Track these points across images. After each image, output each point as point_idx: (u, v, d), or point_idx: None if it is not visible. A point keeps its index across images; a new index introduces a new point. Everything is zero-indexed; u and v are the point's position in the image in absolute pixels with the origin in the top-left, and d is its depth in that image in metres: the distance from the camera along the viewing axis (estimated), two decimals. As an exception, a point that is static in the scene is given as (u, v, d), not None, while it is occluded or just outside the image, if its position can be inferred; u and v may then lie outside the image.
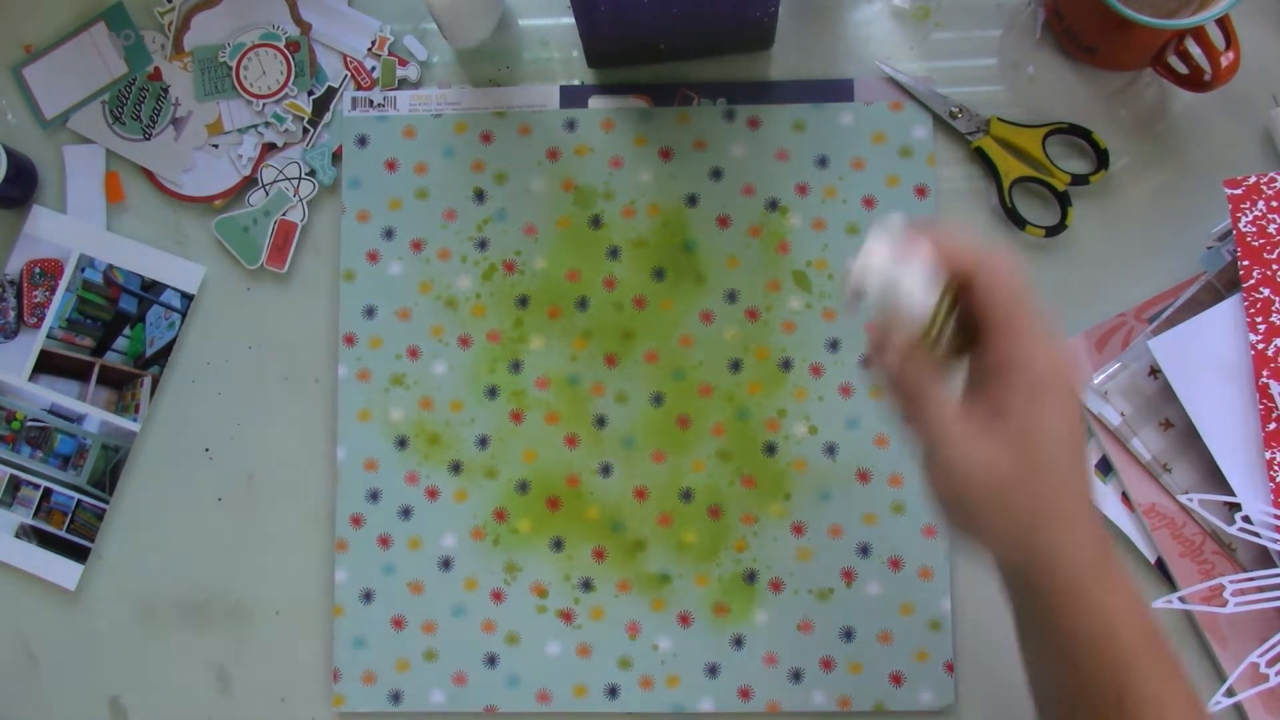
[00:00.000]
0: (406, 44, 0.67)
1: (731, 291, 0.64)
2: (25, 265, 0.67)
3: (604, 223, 0.65)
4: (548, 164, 0.66)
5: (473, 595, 0.63)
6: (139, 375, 0.66)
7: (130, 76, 0.68)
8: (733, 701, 0.61)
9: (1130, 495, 0.60)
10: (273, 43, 0.67)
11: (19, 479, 0.65)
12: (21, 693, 0.65)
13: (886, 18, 0.66)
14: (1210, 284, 0.60)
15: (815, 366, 0.63)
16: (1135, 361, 0.60)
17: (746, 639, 0.62)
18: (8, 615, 0.65)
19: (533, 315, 0.65)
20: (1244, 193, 0.59)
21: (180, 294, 0.66)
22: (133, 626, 0.65)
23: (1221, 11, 0.56)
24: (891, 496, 0.62)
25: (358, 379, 0.64)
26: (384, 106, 0.67)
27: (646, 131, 0.66)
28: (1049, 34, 0.65)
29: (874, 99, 0.65)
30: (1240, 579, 0.57)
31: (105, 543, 0.65)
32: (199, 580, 0.65)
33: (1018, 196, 0.64)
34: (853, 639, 0.61)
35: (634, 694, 0.62)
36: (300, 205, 0.66)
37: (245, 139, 0.67)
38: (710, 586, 0.62)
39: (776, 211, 0.64)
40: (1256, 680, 0.56)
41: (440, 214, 0.65)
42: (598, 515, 0.63)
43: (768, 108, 0.65)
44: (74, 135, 0.68)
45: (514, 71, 0.67)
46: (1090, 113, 0.64)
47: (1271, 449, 0.56)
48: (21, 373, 0.66)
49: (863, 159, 0.64)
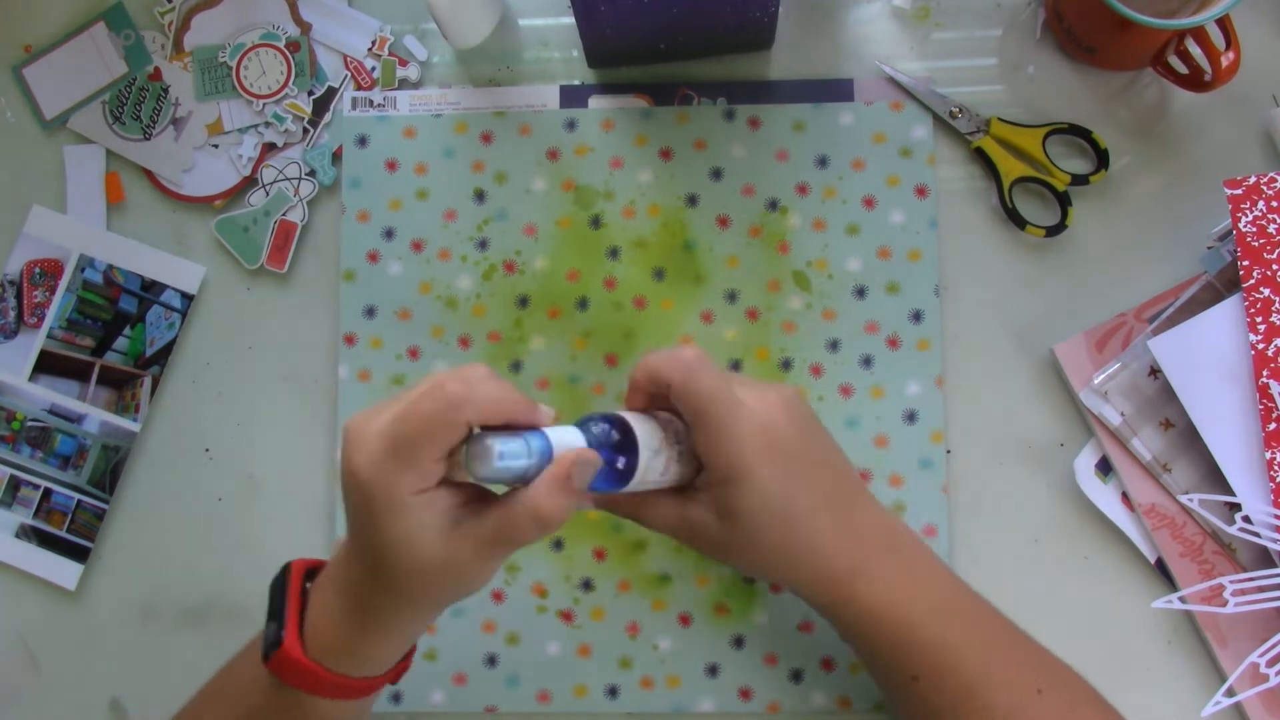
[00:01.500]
0: (406, 44, 0.67)
1: (731, 291, 0.64)
2: (25, 265, 0.67)
3: (604, 223, 0.65)
4: (548, 164, 0.66)
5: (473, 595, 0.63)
6: (139, 375, 0.66)
7: (130, 76, 0.68)
8: (733, 702, 0.61)
9: (1130, 495, 0.60)
10: (273, 43, 0.67)
11: (19, 479, 0.65)
12: (21, 693, 0.65)
13: (886, 18, 0.66)
14: (1210, 284, 0.60)
15: (815, 366, 0.63)
16: (1135, 361, 0.60)
17: (747, 639, 0.62)
18: (8, 615, 0.65)
19: (533, 315, 0.65)
20: (1244, 193, 0.59)
21: (180, 294, 0.66)
22: (133, 626, 0.65)
23: (1221, 11, 0.56)
24: (892, 496, 0.62)
25: (358, 379, 0.64)
26: (384, 107, 0.67)
27: (646, 131, 0.66)
28: (1049, 34, 0.65)
29: (874, 99, 0.65)
30: (1240, 579, 0.57)
31: (105, 543, 0.65)
32: (199, 580, 0.65)
33: (1018, 196, 0.64)
34: (853, 639, 0.61)
35: (634, 694, 0.62)
36: (300, 205, 0.66)
37: (245, 139, 0.67)
38: (710, 586, 0.62)
39: (776, 211, 0.64)
40: (1256, 680, 0.56)
41: (440, 214, 0.65)
42: (598, 515, 0.63)
43: (768, 107, 0.65)
44: (74, 135, 0.68)
45: (514, 71, 0.67)
46: (1090, 113, 0.64)
47: (1271, 449, 0.56)
48: (21, 373, 0.66)
49: (863, 159, 0.64)
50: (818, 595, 0.51)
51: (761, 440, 0.48)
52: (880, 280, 0.63)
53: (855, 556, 0.50)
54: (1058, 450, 0.62)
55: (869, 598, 0.50)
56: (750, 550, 0.49)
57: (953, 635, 0.49)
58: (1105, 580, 0.60)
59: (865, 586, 0.50)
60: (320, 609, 0.47)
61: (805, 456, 0.49)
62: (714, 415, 0.47)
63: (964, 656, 0.49)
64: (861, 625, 0.50)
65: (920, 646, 0.49)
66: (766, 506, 0.48)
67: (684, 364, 0.48)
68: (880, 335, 0.63)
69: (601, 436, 0.47)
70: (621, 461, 0.47)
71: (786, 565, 0.50)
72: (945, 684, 0.49)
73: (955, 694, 0.49)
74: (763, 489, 0.48)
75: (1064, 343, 0.61)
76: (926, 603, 0.50)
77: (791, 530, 0.49)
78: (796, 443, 0.49)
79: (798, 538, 0.49)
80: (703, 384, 0.47)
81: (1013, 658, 0.50)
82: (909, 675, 0.50)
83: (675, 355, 0.48)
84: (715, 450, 0.48)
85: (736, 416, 0.47)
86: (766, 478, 0.48)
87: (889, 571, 0.50)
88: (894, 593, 0.50)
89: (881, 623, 0.50)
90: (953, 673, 0.49)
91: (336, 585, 0.47)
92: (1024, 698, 0.49)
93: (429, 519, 0.43)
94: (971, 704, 0.48)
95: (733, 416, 0.47)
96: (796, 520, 0.49)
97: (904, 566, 0.51)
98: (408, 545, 0.43)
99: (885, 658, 0.50)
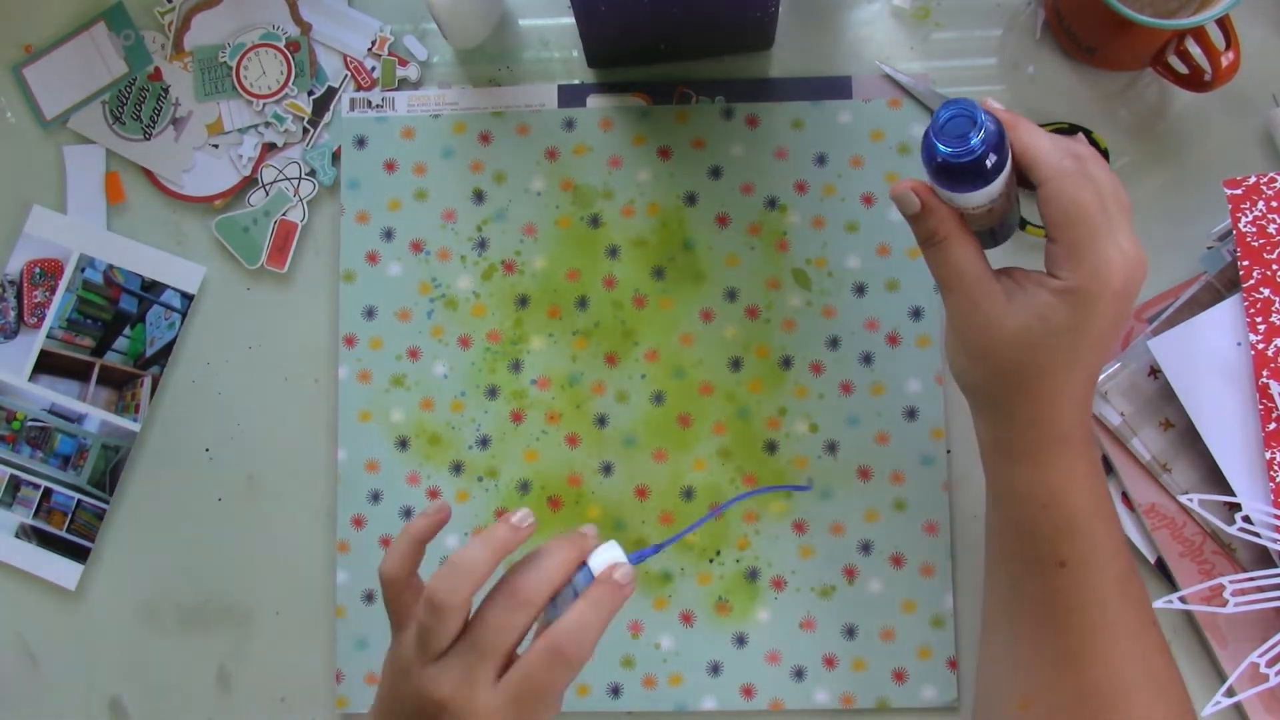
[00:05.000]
0: (406, 44, 0.67)
1: (731, 290, 0.64)
2: (25, 265, 0.67)
3: (603, 222, 0.65)
4: (546, 164, 0.66)
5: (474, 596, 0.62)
6: (139, 375, 0.66)
7: (130, 76, 0.68)
8: (735, 700, 0.61)
9: (1130, 495, 0.60)
10: (273, 43, 0.67)
11: (19, 479, 0.65)
12: (21, 693, 0.65)
13: (886, 17, 0.66)
14: (1210, 284, 0.60)
15: (815, 364, 0.63)
16: (1135, 361, 0.60)
17: (749, 637, 0.62)
18: (8, 615, 0.65)
19: (533, 315, 0.65)
20: (1244, 193, 0.59)
21: (180, 294, 0.66)
22: (133, 626, 0.65)
23: (1221, 11, 0.56)
24: (893, 493, 0.62)
25: (358, 380, 0.64)
26: (382, 107, 0.67)
27: (645, 130, 0.66)
28: (1049, 34, 0.65)
29: (872, 96, 0.65)
30: (1240, 579, 0.57)
31: (105, 543, 0.65)
32: (199, 580, 0.65)
33: (1018, 196, 0.64)
34: (855, 636, 0.61)
35: (636, 693, 0.62)
36: (300, 205, 0.66)
37: (245, 139, 0.67)
38: (712, 585, 0.62)
39: (775, 209, 0.64)
40: (1256, 680, 0.56)
41: (439, 214, 0.65)
42: (599, 514, 0.63)
43: (766, 106, 0.65)
44: (74, 135, 0.68)
45: (514, 71, 0.67)
46: (1090, 113, 0.64)
47: (1271, 449, 0.56)
48: (21, 373, 0.66)
49: (861, 156, 0.64)
50: (1016, 444, 0.50)
51: (1117, 287, 0.47)
52: (880, 277, 0.63)
53: (1068, 427, 0.49)
54: (1058, 449, 0.62)
55: (1057, 472, 0.49)
56: (1001, 352, 0.48)
57: (1112, 542, 0.50)
58: (1105, 579, 0.60)
59: (1058, 458, 0.49)
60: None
61: (1120, 325, 0.49)
62: (1079, 233, 0.47)
63: (1116, 564, 0.50)
64: (1039, 493, 0.50)
65: (1083, 535, 0.49)
66: (1067, 333, 0.47)
67: (1062, 180, 0.47)
68: (880, 332, 0.63)
69: (991, 125, 0.46)
70: (992, 159, 0.46)
71: (1016, 390, 0.49)
72: (1090, 581, 0.49)
73: (1093, 596, 0.49)
74: (1084, 323, 0.47)
75: (1064, 342, 0.61)
76: (1103, 500, 0.50)
77: (1057, 366, 0.48)
78: (1126, 310, 0.48)
79: (1053, 375, 0.48)
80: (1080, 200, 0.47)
81: (1141, 585, 0.51)
82: (1058, 560, 0.49)
83: (1059, 159, 0.47)
84: (1075, 266, 0.47)
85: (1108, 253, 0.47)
86: (1097, 316, 0.47)
87: (1086, 457, 0.50)
88: (1080, 477, 0.49)
89: (1057, 500, 0.49)
90: (1102, 574, 0.49)
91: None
92: (1146, 624, 0.50)
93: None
94: (1103, 612, 0.49)
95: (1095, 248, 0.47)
96: (1069, 364, 0.48)
97: (1092, 462, 0.50)
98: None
99: (1042, 537, 0.50)
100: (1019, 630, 0.52)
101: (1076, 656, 0.49)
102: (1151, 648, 0.50)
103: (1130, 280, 0.47)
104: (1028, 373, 0.48)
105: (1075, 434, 0.49)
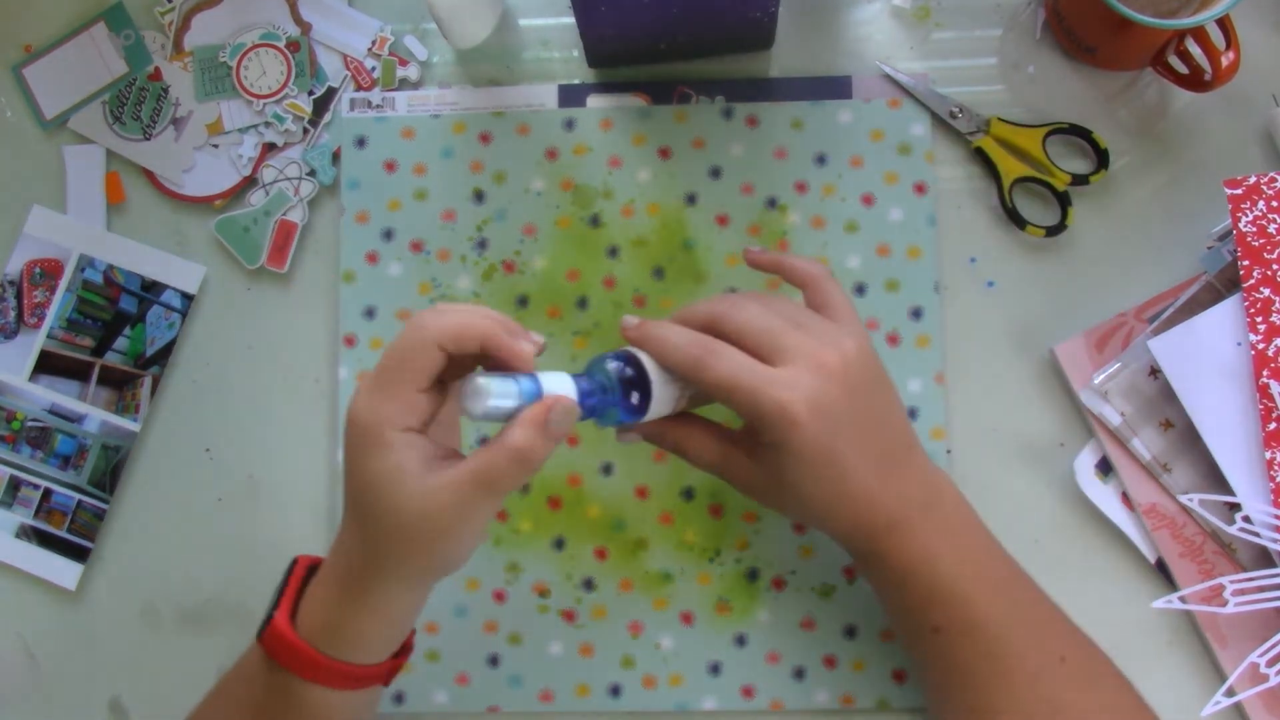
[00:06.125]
0: (407, 44, 0.67)
1: (731, 290, 0.64)
2: (25, 265, 0.67)
3: (603, 222, 0.65)
4: (546, 164, 0.66)
5: (474, 596, 0.63)
6: (139, 375, 0.66)
7: (130, 76, 0.68)
8: (736, 700, 0.61)
9: (1130, 495, 0.60)
10: (273, 43, 0.67)
11: (19, 479, 0.65)
12: (21, 693, 0.65)
13: (886, 17, 0.66)
14: (1210, 284, 0.60)
15: (816, 366, 0.63)
16: (1135, 361, 0.60)
17: (749, 637, 0.62)
18: (8, 615, 0.65)
19: (533, 315, 0.65)
20: (1244, 193, 0.59)
21: (180, 294, 0.66)
22: (133, 626, 0.65)
23: (1221, 11, 0.57)
24: (892, 496, 0.62)
25: (358, 380, 0.64)
26: (382, 107, 0.67)
27: (645, 130, 0.66)
28: (1049, 34, 0.65)
29: (872, 96, 0.65)
30: (1240, 579, 0.57)
31: (105, 543, 0.65)
32: (199, 580, 0.65)
33: (1018, 196, 0.64)
34: (855, 636, 0.61)
35: (637, 693, 0.62)
36: (300, 205, 0.66)
37: (245, 139, 0.67)
38: (712, 585, 0.62)
39: (775, 209, 0.64)
40: (1256, 680, 0.56)
41: (439, 214, 0.65)
42: (599, 514, 0.63)
43: (765, 105, 0.65)
44: (74, 135, 0.68)
45: (514, 71, 0.67)
46: (1090, 113, 0.64)
47: (1271, 449, 0.56)
48: (21, 373, 0.66)
49: (861, 156, 0.64)
50: (852, 544, 0.52)
51: (805, 409, 0.47)
52: (880, 277, 0.63)
53: (893, 511, 0.50)
54: (1058, 450, 0.62)
55: (901, 552, 0.50)
56: (786, 497, 0.51)
57: (980, 595, 0.50)
58: (1105, 580, 0.61)
59: (898, 541, 0.50)
60: (313, 591, 0.49)
61: (853, 418, 0.49)
62: (748, 402, 0.48)
63: (989, 616, 0.50)
64: (892, 575, 0.51)
65: (947, 601, 0.50)
66: (806, 462, 0.48)
67: (694, 364, 0.49)
68: (880, 332, 0.63)
69: (616, 373, 0.49)
70: (636, 396, 0.50)
71: (822, 515, 0.51)
72: (967, 641, 0.49)
73: (976, 651, 0.49)
74: (801, 451, 0.48)
75: (1064, 343, 0.61)
76: (958, 561, 0.50)
77: (830, 484, 0.49)
78: (845, 406, 0.48)
79: (836, 491, 0.49)
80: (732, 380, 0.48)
81: (1039, 623, 0.51)
82: (931, 627, 0.50)
83: (686, 342, 0.49)
84: (758, 424, 0.49)
85: (777, 401, 0.47)
86: (810, 438, 0.48)
87: (925, 528, 0.50)
88: (926, 549, 0.50)
89: (911, 575, 0.50)
90: (977, 630, 0.49)
91: (328, 563, 0.49)
92: (1047, 663, 0.49)
93: (410, 458, 0.44)
94: (993, 664, 0.49)
95: (772, 402, 0.47)
96: (837, 476, 0.49)
97: (940, 524, 0.51)
98: (388, 484, 0.44)
99: (910, 609, 0.51)
100: (927, 691, 0.55)
101: (979, 712, 0.50)
102: (1058, 683, 0.49)
103: (816, 390, 0.48)
104: (812, 506, 0.50)
105: (909, 514, 0.50)
